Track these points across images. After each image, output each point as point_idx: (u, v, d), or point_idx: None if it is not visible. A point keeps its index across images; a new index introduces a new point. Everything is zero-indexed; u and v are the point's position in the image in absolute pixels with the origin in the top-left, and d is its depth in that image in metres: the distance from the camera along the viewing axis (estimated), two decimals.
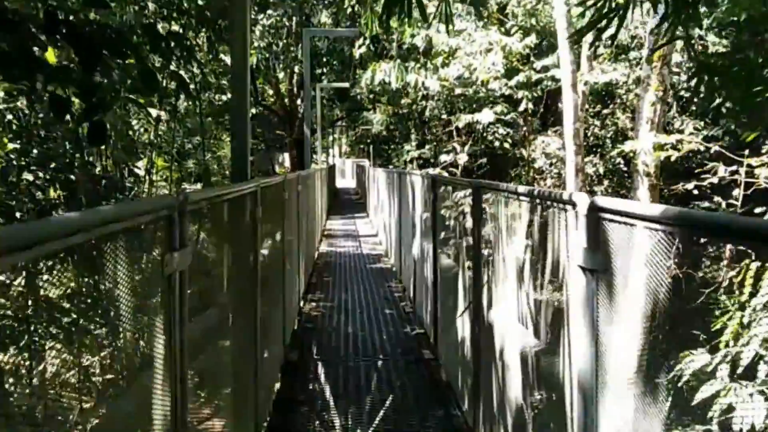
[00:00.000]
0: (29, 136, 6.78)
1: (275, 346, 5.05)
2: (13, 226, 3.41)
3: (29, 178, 7.16)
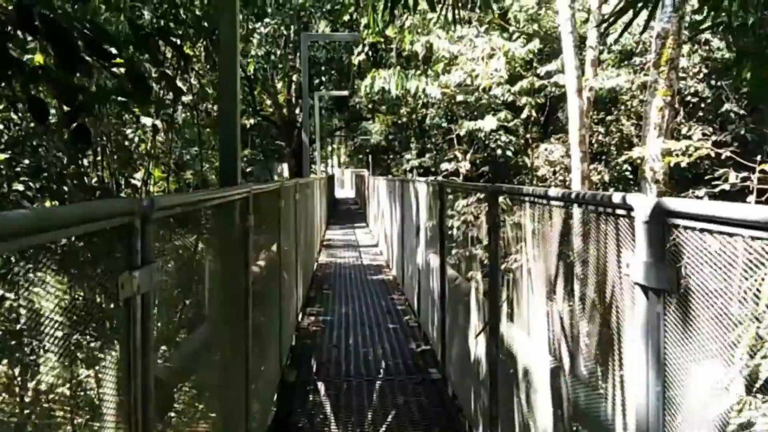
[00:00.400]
0: (21, 145, 6.46)
1: (271, 366, 4.64)
2: None
3: (20, 188, 6.82)
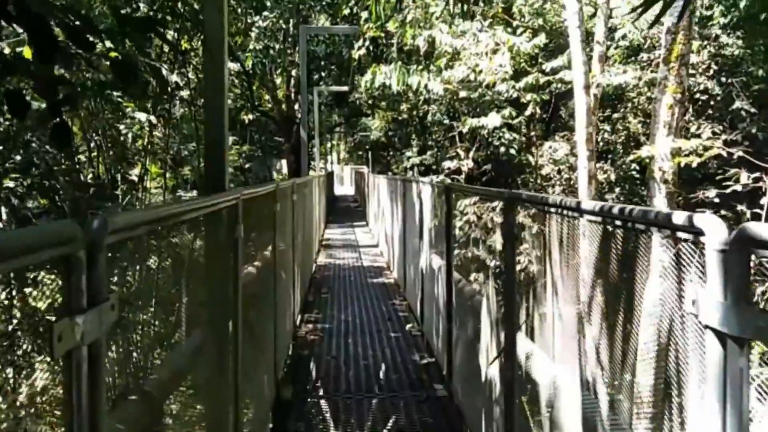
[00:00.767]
0: (12, 140, 6.18)
1: (265, 384, 4.31)
2: None
3: (10, 185, 6.51)
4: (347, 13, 20.37)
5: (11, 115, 4.54)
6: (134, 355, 1.76)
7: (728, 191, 10.97)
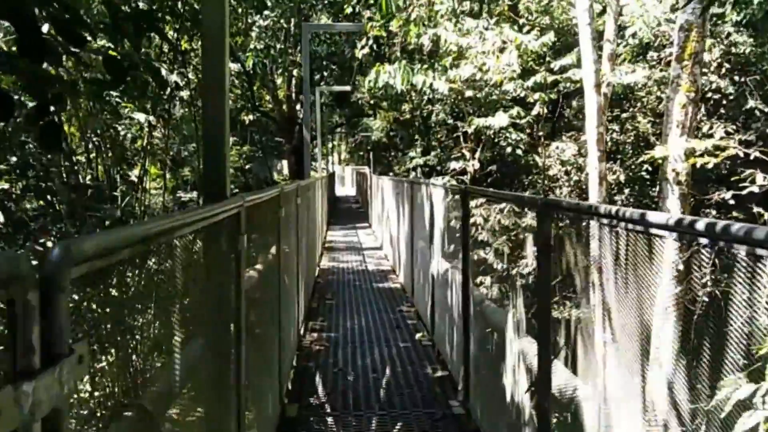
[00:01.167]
0: (7, 141, 5.92)
1: (268, 404, 4.00)
2: None
3: (5, 187, 6.29)
4: (349, 11, 20.06)
5: None
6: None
7: (744, 192, 10.64)
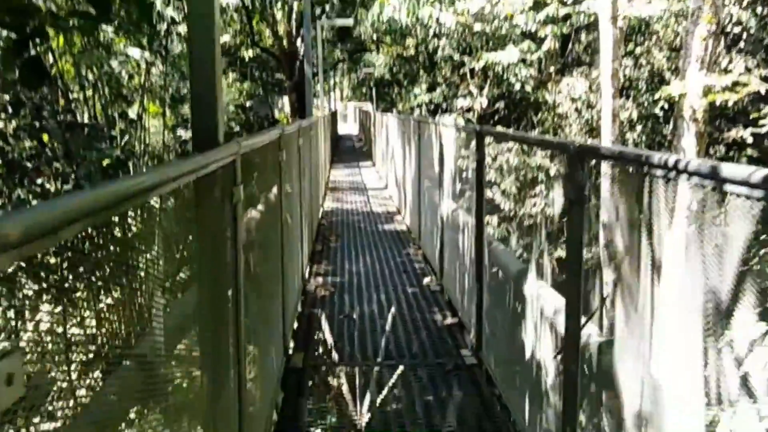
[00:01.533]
0: None
1: (271, 354, 3.82)
2: None
3: None
4: None
5: None
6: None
7: (764, 131, 10.21)
